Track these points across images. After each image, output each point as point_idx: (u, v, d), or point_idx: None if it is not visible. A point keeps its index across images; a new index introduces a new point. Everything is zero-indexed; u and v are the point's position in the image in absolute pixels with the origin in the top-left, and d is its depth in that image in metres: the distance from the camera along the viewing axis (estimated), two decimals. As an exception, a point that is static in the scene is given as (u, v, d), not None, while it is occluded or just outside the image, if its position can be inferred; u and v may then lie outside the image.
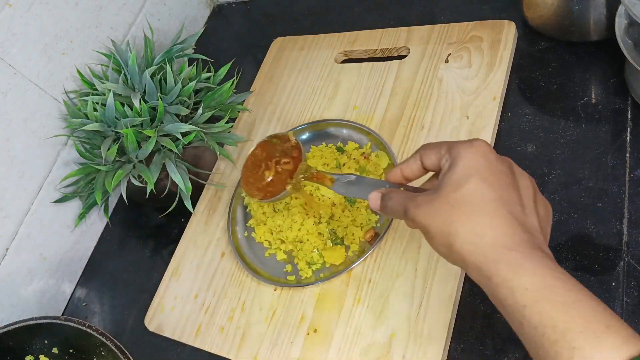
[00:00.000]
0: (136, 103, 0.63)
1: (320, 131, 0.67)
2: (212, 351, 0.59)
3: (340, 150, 0.64)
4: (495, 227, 0.34)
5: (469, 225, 0.35)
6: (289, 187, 0.54)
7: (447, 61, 0.65)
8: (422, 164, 0.42)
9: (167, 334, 0.62)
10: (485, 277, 0.34)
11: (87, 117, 0.65)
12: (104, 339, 0.53)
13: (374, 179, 0.48)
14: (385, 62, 0.69)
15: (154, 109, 0.65)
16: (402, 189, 0.44)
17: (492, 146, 0.58)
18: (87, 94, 0.69)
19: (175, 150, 0.63)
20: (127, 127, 0.62)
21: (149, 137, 0.62)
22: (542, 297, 0.32)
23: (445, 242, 0.36)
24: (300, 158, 0.55)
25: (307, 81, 0.73)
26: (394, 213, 0.41)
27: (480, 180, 0.36)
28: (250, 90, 0.76)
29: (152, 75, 0.66)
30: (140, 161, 0.65)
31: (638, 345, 0.29)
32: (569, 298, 0.32)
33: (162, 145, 0.64)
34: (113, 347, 0.53)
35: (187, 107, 0.66)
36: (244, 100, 0.74)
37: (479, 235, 0.35)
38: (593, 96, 0.58)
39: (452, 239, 0.35)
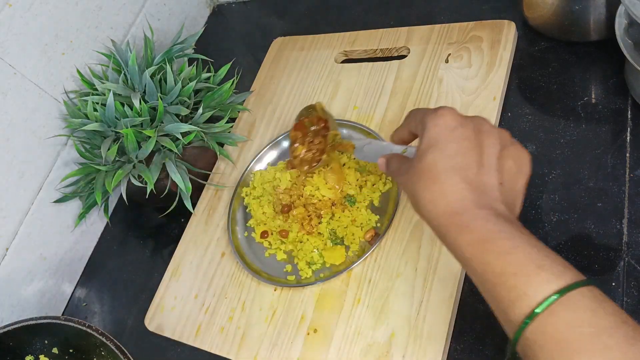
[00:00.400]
0: (136, 103, 0.63)
1: (320, 131, 0.67)
2: (212, 351, 0.59)
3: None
4: (447, 195, 0.39)
5: (427, 194, 0.40)
6: (324, 157, 0.61)
7: (447, 61, 0.65)
8: (409, 131, 0.47)
9: (167, 334, 0.62)
10: (442, 237, 0.40)
11: (87, 117, 0.65)
12: (104, 339, 0.53)
13: (384, 143, 0.55)
14: (385, 62, 0.69)
15: (154, 109, 0.65)
16: (405, 149, 0.50)
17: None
18: (87, 94, 0.69)
19: (175, 150, 0.63)
20: (127, 127, 0.62)
21: (149, 137, 0.62)
22: (483, 249, 0.36)
23: (415, 206, 0.42)
24: (329, 128, 0.62)
25: (307, 81, 0.73)
26: (393, 175, 0.47)
27: (437, 151, 0.40)
28: (250, 90, 0.76)
29: (152, 75, 0.66)
30: (140, 161, 0.65)
31: (566, 279, 0.33)
32: (505, 247, 0.35)
33: (162, 145, 0.64)
34: (113, 347, 0.53)
35: (187, 107, 0.66)
36: (244, 100, 0.74)
37: (433, 203, 0.39)
38: (593, 96, 0.58)
39: (418, 205, 0.41)
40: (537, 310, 0.32)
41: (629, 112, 0.56)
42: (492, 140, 0.41)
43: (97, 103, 0.65)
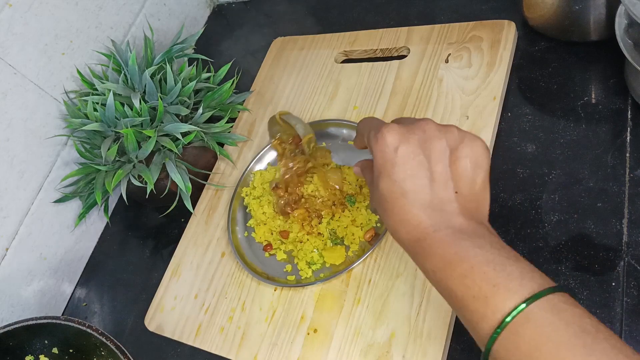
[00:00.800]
0: (136, 103, 0.63)
1: (320, 131, 0.67)
2: (212, 351, 0.59)
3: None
4: (404, 223, 0.38)
5: (389, 221, 0.40)
6: (309, 164, 0.62)
7: (447, 61, 0.65)
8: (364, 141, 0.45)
9: (167, 334, 0.62)
10: (414, 261, 0.40)
11: (87, 117, 0.65)
12: (104, 339, 0.53)
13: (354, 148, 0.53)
14: (385, 62, 0.69)
15: (154, 109, 0.65)
16: None
17: (492, 146, 0.58)
18: (87, 94, 0.69)
19: (175, 150, 0.63)
20: (127, 127, 0.62)
21: (149, 137, 0.62)
22: (445, 275, 0.36)
23: (386, 226, 0.42)
24: (299, 137, 0.63)
25: (307, 81, 0.73)
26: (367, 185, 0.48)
27: (386, 178, 0.39)
28: (250, 90, 0.76)
29: (152, 75, 0.66)
30: (140, 161, 0.65)
31: (522, 294, 0.32)
32: (463, 270, 0.35)
33: (162, 145, 0.64)
34: (113, 347, 0.53)
35: (187, 107, 0.66)
36: (244, 100, 0.74)
37: (396, 230, 0.39)
38: (593, 96, 0.58)
39: (387, 227, 0.41)
40: (497, 331, 0.32)
41: (629, 112, 0.56)
42: (440, 147, 0.39)
43: (97, 103, 0.65)
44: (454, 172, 0.39)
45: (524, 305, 0.32)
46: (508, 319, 0.32)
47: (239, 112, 0.74)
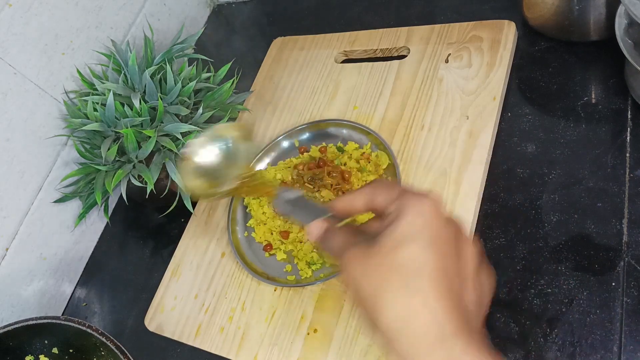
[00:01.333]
0: (136, 103, 0.63)
1: (320, 131, 0.67)
2: (212, 351, 0.59)
3: (340, 150, 0.64)
4: (431, 309, 0.30)
5: (400, 299, 0.30)
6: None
7: (447, 61, 0.65)
8: (370, 203, 0.37)
9: (167, 334, 0.62)
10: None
11: (87, 117, 0.65)
12: (104, 339, 0.53)
13: (318, 205, 0.40)
14: (385, 62, 0.69)
15: (154, 109, 0.65)
16: (341, 223, 0.38)
17: (492, 147, 0.58)
18: (87, 94, 0.69)
19: (175, 150, 0.63)
20: (127, 127, 0.62)
21: (149, 137, 0.62)
22: None
23: (371, 312, 0.31)
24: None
25: (307, 81, 0.73)
26: (330, 252, 0.36)
27: (423, 245, 0.31)
28: (250, 90, 0.76)
29: (152, 75, 0.66)
30: (140, 161, 0.65)
31: None
32: None
33: (162, 145, 0.64)
34: (113, 347, 0.53)
35: (187, 107, 0.66)
36: (244, 100, 0.74)
37: (410, 315, 0.30)
38: (593, 96, 0.58)
39: (379, 312, 0.31)
40: None
41: (629, 112, 0.56)
42: (473, 250, 0.34)
43: (97, 103, 0.65)
44: (475, 282, 0.34)
45: None
46: None
47: (239, 112, 0.74)
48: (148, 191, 0.63)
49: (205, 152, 0.43)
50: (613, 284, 0.48)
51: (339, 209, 0.38)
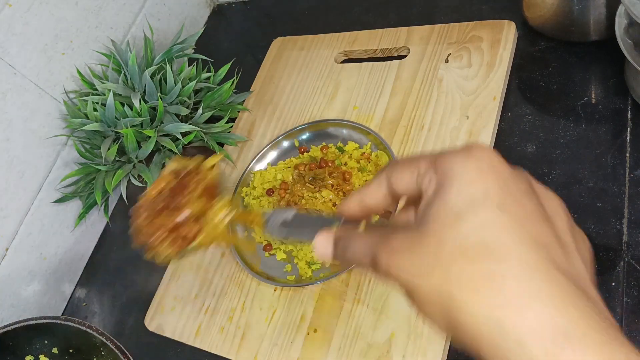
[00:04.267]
0: (136, 103, 0.63)
1: (320, 131, 0.67)
2: (212, 351, 0.59)
3: (341, 150, 0.64)
4: (539, 300, 0.21)
5: (487, 295, 0.21)
6: (199, 238, 0.38)
7: (447, 61, 0.65)
8: (391, 189, 0.27)
9: (167, 334, 0.62)
10: None
11: (87, 117, 0.65)
12: (104, 339, 0.53)
13: (319, 216, 0.33)
14: (385, 62, 0.69)
15: (154, 109, 0.65)
16: (362, 226, 0.29)
17: (492, 147, 0.58)
18: (87, 94, 0.69)
19: (175, 150, 0.63)
20: (127, 127, 0.62)
21: (149, 137, 0.62)
22: None
23: (443, 310, 0.22)
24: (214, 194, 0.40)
25: (307, 81, 0.73)
26: (355, 262, 0.27)
27: (495, 209, 0.22)
28: (250, 90, 0.76)
29: (152, 75, 0.66)
30: (140, 161, 0.65)
31: None
32: None
33: (162, 145, 0.64)
34: (113, 347, 0.53)
35: (187, 107, 0.66)
36: (244, 100, 0.74)
37: (508, 312, 0.21)
38: (593, 96, 0.58)
39: (455, 309, 0.22)
40: None
41: (629, 112, 0.56)
42: (557, 203, 0.25)
43: (97, 103, 0.65)
44: (575, 244, 0.26)
45: None
46: None
47: (239, 112, 0.74)
48: (148, 191, 0.63)
49: None
50: (613, 284, 0.48)
51: (351, 212, 0.29)
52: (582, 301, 0.21)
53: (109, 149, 0.62)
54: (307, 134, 0.68)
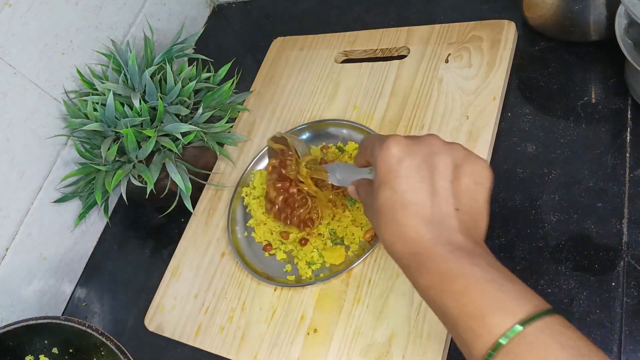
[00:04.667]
0: (136, 103, 0.63)
1: (320, 131, 0.67)
2: (212, 351, 0.59)
3: (341, 150, 0.65)
4: (403, 235, 0.38)
5: (386, 234, 0.39)
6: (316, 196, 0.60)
7: (447, 61, 0.65)
8: (366, 161, 0.46)
9: (167, 334, 0.62)
10: (407, 276, 0.39)
11: (87, 117, 0.65)
12: (104, 339, 0.53)
13: (350, 165, 0.53)
14: (385, 62, 0.69)
15: (154, 109, 0.65)
16: (371, 171, 0.47)
17: (492, 146, 0.58)
18: (87, 94, 0.69)
19: (175, 150, 0.63)
20: (127, 127, 0.62)
21: (149, 137, 0.62)
22: (440, 290, 0.36)
23: (381, 243, 0.41)
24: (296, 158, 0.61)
25: (307, 81, 0.73)
26: (364, 206, 0.46)
27: (387, 189, 0.39)
28: (250, 90, 0.76)
29: (152, 75, 0.66)
30: (140, 161, 0.65)
31: (519, 316, 0.32)
32: (460, 287, 0.34)
33: (162, 145, 0.64)
34: (113, 347, 0.53)
35: (187, 107, 0.66)
36: (244, 100, 0.74)
37: (393, 243, 0.39)
38: (593, 96, 0.58)
39: (382, 242, 0.40)
40: (491, 353, 0.32)
41: (629, 112, 0.56)
42: (444, 162, 0.39)
43: (97, 103, 0.65)
44: (456, 188, 0.38)
45: (519, 327, 0.31)
46: (503, 341, 0.32)
47: (239, 112, 0.74)
48: (148, 191, 0.63)
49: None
50: (613, 284, 0.48)
51: (358, 166, 0.49)
52: (428, 233, 0.37)
53: (109, 149, 0.62)
54: (307, 134, 0.68)
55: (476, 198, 0.39)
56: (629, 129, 0.55)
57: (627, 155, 0.53)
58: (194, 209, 0.68)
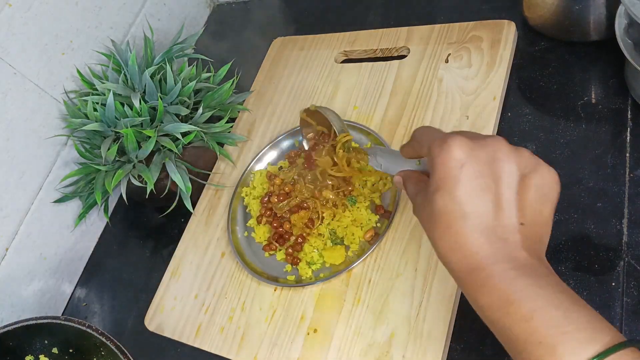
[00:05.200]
0: (136, 103, 0.63)
1: (320, 131, 0.67)
2: (212, 351, 0.59)
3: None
4: (462, 247, 0.35)
5: (442, 242, 0.36)
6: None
7: (447, 61, 0.65)
8: (418, 153, 0.43)
9: (167, 334, 0.62)
10: (463, 291, 0.36)
11: (87, 117, 0.66)
12: (104, 339, 0.53)
13: (394, 152, 0.50)
14: (385, 62, 0.69)
15: (154, 109, 0.65)
16: (419, 162, 0.45)
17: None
18: (87, 94, 0.69)
19: (175, 150, 0.63)
20: (127, 127, 0.62)
21: (149, 137, 0.62)
22: (503, 312, 0.33)
23: (434, 249, 0.37)
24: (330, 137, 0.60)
25: (307, 81, 0.73)
26: (412, 200, 0.43)
27: (447, 195, 0.35)
28: (250, 90, 0.76)
29: (152, 75, 0.66)
30: (140, 161, 0.65)
31: (595, 347, 0.30)
32: (525, 311, 0.32)
33: (162, 145, 0.64)
34: (113, 347, 0.53)
35: (187, 107, 0.66)
36: (244, 100, 0.74)
37: (449, 254, 0.36)
38: (593, 96, 0.58)
39: (436, 250, 0.37)
40: None
41: (629, 112, 0.56)
42: (509, 169, 0.35)
43: (97, 103, 0.65)
44: (522, 200, 0.35)
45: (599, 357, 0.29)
46: None
47: (239, 112, 0.74)
48: (148, 191, 0.63)
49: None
50: (613, 284, 0.48)
51: (405, 157, 0.46)
52: (490, 248, 0.34)
53: (109, 149, 0.62)
54: (307, 134, 0.68)
55: (542, 211, 0.36)
56: (629, 129, 0.55)
57: (627, 155, 0.53)
58: (194, 209, 0.68)
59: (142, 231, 0.75)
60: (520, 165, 0.36)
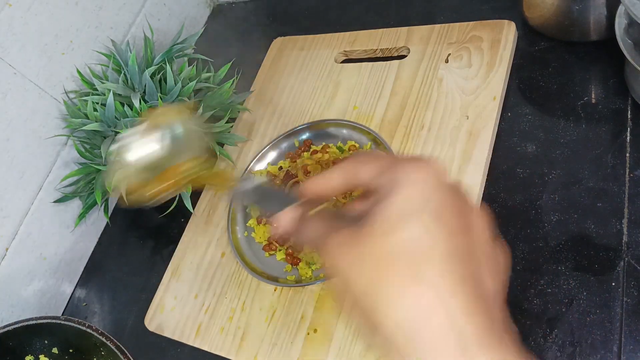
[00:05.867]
0: (136, 103, 0.63)
1: (320, 131, 0.67)
2: (212, 351, 0.59)
3: (341, 150, 0.65)
4: (446, 307, 0.23)
5: (407, 296, 0.24)
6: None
7: (447, 61, 0.65)
8: (353, 179, 0.30)
9: (167, 334, 0.62)
10: None
11: (87, 117, 0.65)
12: (104, 339, 0.53)
13: (285, 193, 0.36)
14: (385, 62, 0.69)
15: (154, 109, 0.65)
16: (312, 211, 0.31)
17: (492, 147, 0.58)
18: (87, 94, 0.69)
19: (175, 150, 0.63)
20: (127, 127, 0.62)
21: (149, 137, 0.62)
22: None
23: (369, 311, 0.25)
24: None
25: (307, 81, 0.73)
26: (307, 243, 0.30)
27: (427, 222, 0.25)
28: (250, 90, 0.76)
29: (152, 75, 0.66)
30: (140, 161, 0.65)
31: None
32: None
33: (162, 145, 0.64)
34: (113, 347, 0.53)
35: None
36: (244, 100, 0.74)
37: (421, 316, 0.24)
38: (593, 96, 0.58)
39: (380, 312, 0.24)
40: None
41: (629, 112, 0.56)
42: (482, 225, 0.27)
43: (97, 103, 0.65)
44: (489, 262, 0.28)
45: None
46: None
47: (239, 112, 0.74)
48: (148, 191, 0.63)
49: (141, 145, 0.35)
50: (613, 284, 0.48)
51: (312, 192, 0.31)
52: (483, 316, 0.24)
53: (109, 149, 0.62)
54: (307, 134, 0.68)
55: (498, 283, 0.28)
56: (629, 129, 0.55)
57: (627, 155, 0.53)
58: (194, 209, 0.68)
59: (142, 231, 0.75)
60: (488, 221, 0.28)
